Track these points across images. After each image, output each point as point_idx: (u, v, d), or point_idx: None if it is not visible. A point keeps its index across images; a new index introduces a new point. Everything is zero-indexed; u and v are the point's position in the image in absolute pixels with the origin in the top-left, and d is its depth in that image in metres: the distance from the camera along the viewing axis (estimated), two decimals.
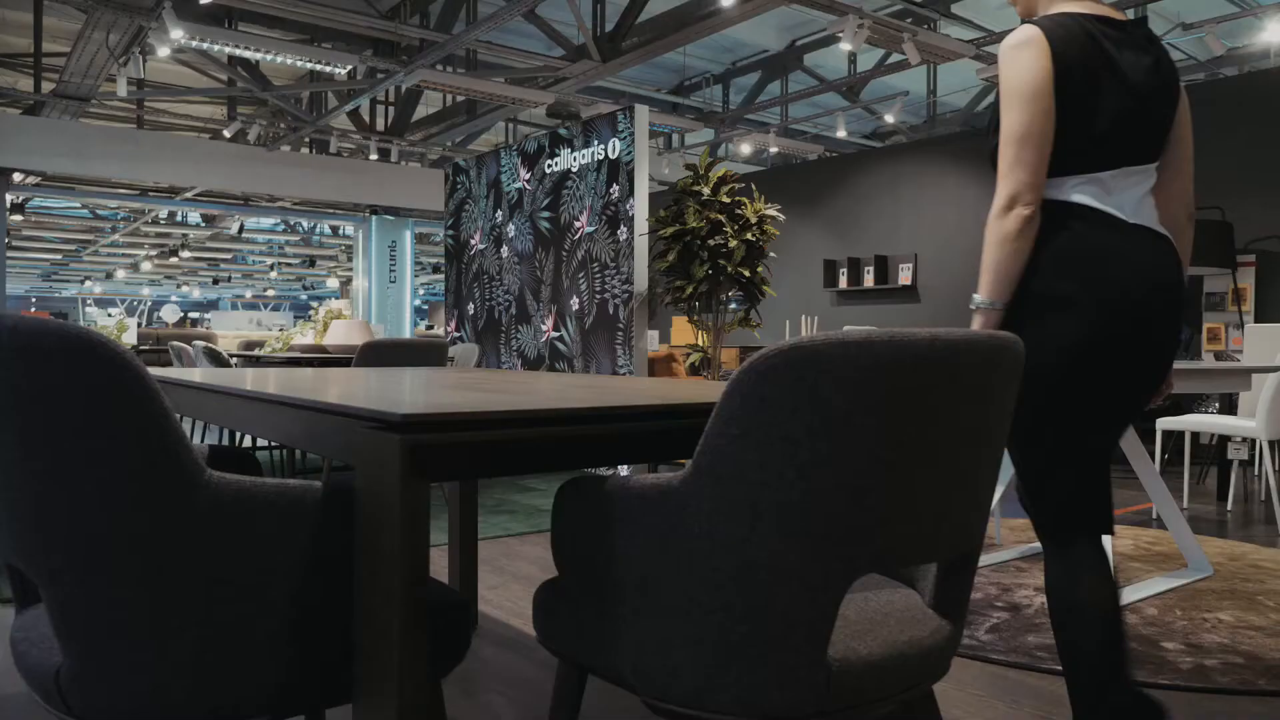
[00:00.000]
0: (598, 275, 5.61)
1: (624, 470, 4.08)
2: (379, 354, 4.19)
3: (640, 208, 5.34)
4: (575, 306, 5.80)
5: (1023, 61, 1.58)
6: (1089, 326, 1.54)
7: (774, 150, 10.41)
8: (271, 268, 24.00)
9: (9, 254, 16.56)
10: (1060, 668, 2.30)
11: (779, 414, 0.97)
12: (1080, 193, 1.60)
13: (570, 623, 1.20)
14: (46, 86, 8.66)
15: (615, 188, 5.49)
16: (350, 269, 15.62)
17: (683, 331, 10.57)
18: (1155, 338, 1.61)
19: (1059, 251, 1.58)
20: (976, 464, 1.11)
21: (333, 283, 25.34)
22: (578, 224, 5.78)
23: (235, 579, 1.01)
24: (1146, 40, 1.66)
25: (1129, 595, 3.03)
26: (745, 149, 10.20)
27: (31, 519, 0.97)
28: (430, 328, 22.44)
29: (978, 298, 1.62)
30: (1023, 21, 1.69)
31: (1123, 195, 1.61)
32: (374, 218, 12.72)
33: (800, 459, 0.97)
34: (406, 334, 12.76)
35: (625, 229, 5.39)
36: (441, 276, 24.96)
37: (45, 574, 0.97)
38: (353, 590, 1.05)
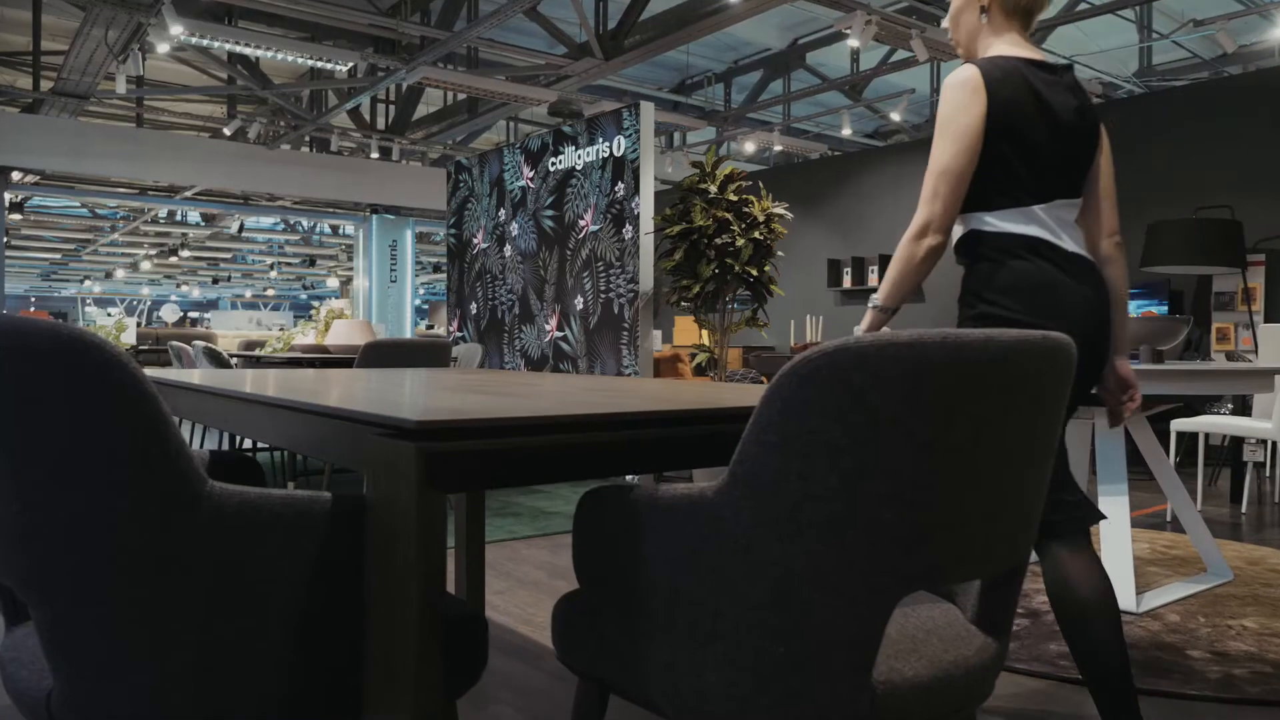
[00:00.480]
0: (602, 274, 5.54)
1: (630, 479, 4.01)
2: (381, 354, 4.12)
3: (646, 206, 5.28)
4: (580, 306, 5.74)
5: (959, 100, 1.70)
6: None
7: (777, 149, 10.34)
8: (271, 267, 23.92)
9: (8, 253, 16.49)
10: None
11: (823, 420, 0.91)
12: (1023, 225, 1.73)
13: (593, 639, 1.14)
14: (45, 85, 8.59)
15: (620, 186, 5.43)
16: (350, 268, 15.55)
17: (685, 331, 10.51)
18: (1098, 355, 1.77)
19: (1016, 281, 1.70)
20: (1028, 472, 1.04)
21: (333, 282, 25.26)
22: (582, 222, 5.72)
23: (238, 595, 0.94)
24: (1073, 85, 1.81)
25: (1149, 601, 2.97)
26: (750, 147, 10.13)
27: (20, 533, 0.90)
28: (430, 327, 22.34)
29: (876, 299, 1.82)
30: (964, 62, 1.82)
31: (1059, 226, 1.75)
32: (374, 217, 12.65)
33: (845, 467, 0.91)
34: (407, 334, 12.69)
35: (630, 227, 5.33)
36: (441, 276, 24.87)
37: (35, 592, 0.90)
38: (364, 606, 0.99)
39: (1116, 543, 2.96)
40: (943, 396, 0.92)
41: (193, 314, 30.38)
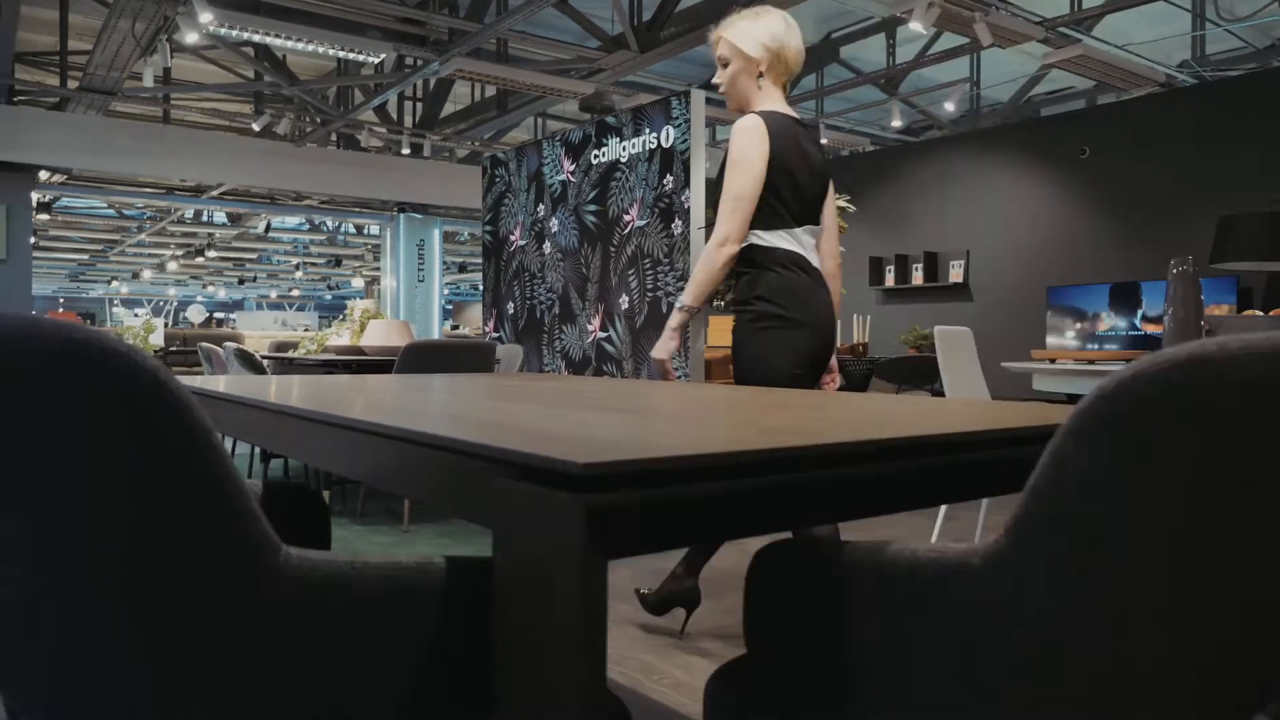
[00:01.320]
0: (649, 272, 5.26)
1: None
2: (423, 357, 3.87)
3: (697, 199, 5.00)
4: (624, 305, 5.46)
5: (749, 139, 2.18)
6: (807, 339, 2.19)
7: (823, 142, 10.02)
8: (297, 267, 23.83)
9: (36, 254, 16.46)
10: None
11: (1169, 462, 0.62)
12: (788, 243, 2.21)
13: None
14: (71, 84, 8.44)
15: (669, 178, 5.15)
16: (376, 268, 15.37)
17: (718, 331, 10.19)
18: (831, 349, 2.30)
19: (782, 286, 2.18)
20: None
21: (357, 282, 25.14)
22: (627, 217, 5.44)
23: (320, 707, 0.67)
24: (816, 139, 2.34)
25: None
26: None
27: (8, 619, 0.64)
28: (456, 328, 22.13)
29: (684, 300, 2.25)
30: (740, 114, 2.29)
31: (808, 246, 2.26)
32: (402, 215, 12.46)
33: (1204, 532, 0.62)
34: (435, 334, 12.49)
35: (680, 222, 5.05)
36: (465, 276, 24.70)
37: (23, 703, 0.64)
38: (497, 715, 0.71)
39: None
40: None
41: (218, 314, 30.42)
